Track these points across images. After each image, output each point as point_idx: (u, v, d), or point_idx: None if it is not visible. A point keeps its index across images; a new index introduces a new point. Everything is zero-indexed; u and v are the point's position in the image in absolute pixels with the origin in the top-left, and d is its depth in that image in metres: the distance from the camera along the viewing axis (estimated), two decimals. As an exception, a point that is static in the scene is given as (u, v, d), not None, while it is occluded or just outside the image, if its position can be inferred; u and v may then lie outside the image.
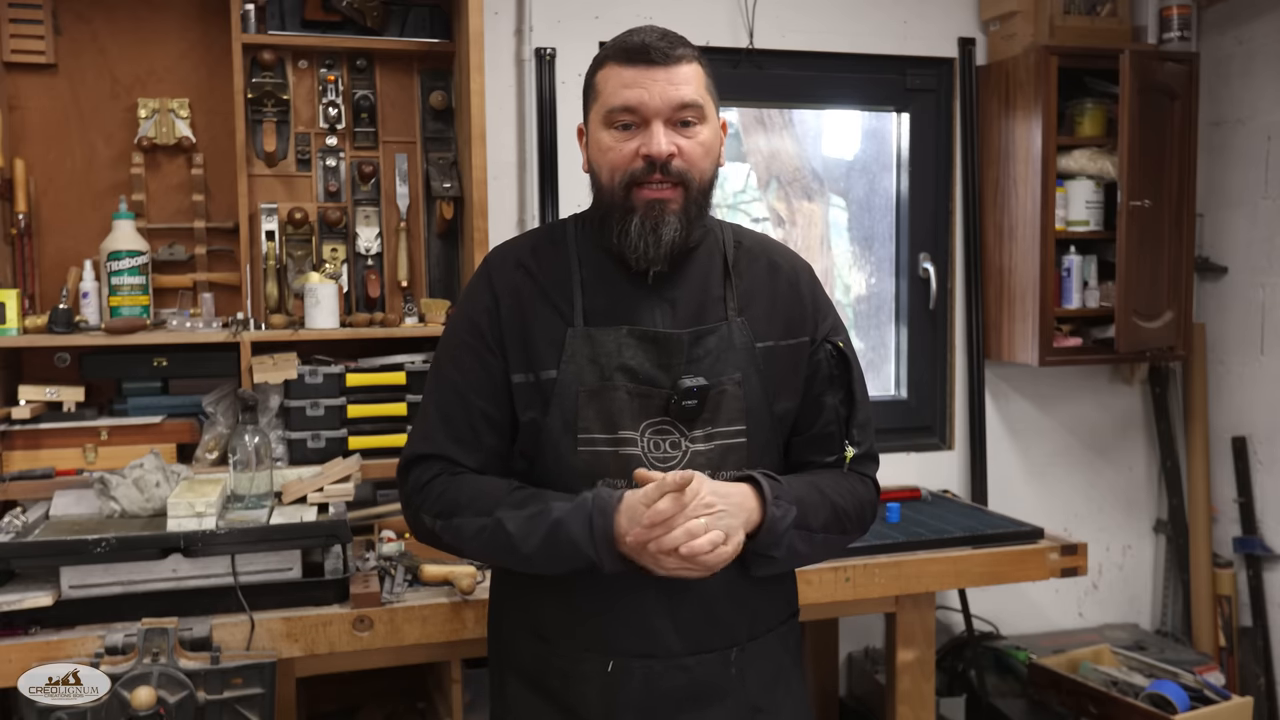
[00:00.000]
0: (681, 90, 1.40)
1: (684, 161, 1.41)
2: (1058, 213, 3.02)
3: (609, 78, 1.43)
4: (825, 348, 1.54)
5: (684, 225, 1.42)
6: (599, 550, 1.36)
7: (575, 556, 1.37)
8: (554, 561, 1.39)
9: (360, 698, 2.66)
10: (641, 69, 1.40)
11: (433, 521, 1.47)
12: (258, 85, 2.55)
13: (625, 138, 1.41)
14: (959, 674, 3.09)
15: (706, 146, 1.44)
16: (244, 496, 2.11)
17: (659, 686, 1.45)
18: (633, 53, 1.41)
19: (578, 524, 1.37)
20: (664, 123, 1.40)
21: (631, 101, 1.39)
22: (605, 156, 1.43)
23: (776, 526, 1.39)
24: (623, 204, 1.42)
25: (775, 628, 1.56)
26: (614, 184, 1.42)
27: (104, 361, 2.38)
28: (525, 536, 1.39)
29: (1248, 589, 3.25)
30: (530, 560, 1.40)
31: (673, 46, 1.41)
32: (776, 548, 1.42)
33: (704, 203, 1.46)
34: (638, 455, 1.42)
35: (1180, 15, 3.06)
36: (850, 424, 1.54)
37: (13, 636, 1.87)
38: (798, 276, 1.57)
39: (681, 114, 1.41)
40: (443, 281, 2.71)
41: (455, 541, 1.46)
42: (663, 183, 1.40)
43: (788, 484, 1.44)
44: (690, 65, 1.42)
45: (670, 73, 1.40)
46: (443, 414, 1.49)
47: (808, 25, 3.04)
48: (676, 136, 1.41)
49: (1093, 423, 3.39)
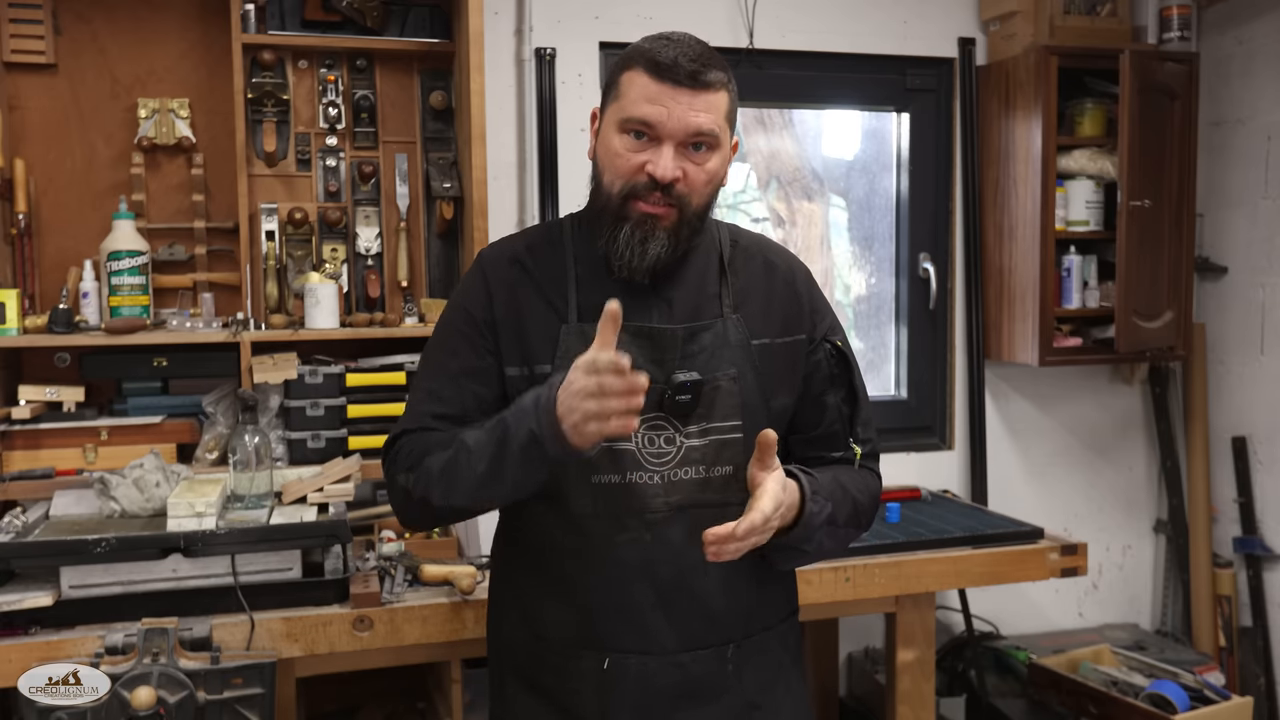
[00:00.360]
0: (701, 119, 1.37)
1: (686, 187, 1.40)
2: (1058, 213, 3.02)
3: (633, 83, 1.39)
4: (825, 347, 1.54)
5: (672, 244, 1.41)
6: (540, 421, 1.30)
7: (521, 439, 1.31)
8: (503, 459, 1.34)
9: (360, 698, 2.66)
10: (667, 87, 1.37)
11: (405, 478, 1.44)
12: (258, 85, 2.55)
13: (635, 148, 1.39)
14: (959, 674, 3.09)
15: (711, 174, 1.42)
16: (244, 496, 2.10)
17: (654, 684, 1.45)
18: (663, 69, 1.37)
19: (525, 401, 1.34)
20: (676, 145, 1.38)
21: (650, 118, 1.37)
22: (612, 160, 1.42)
23: (812, 521, 1.41)
24: (617, 211, 1.41)
25: (774, 625, 1.56)
26: (613, 190, 1.41)
27: (104, 361, 2.38)
28: (481, 446, 1.36)
29: (1248, 589, 3.25)
30: (487, 469, 1.35)
31: (704, 70, 1.38)
32: (809, 542, 1.43)
33: (697, 225, 1.45)
34: (632, 451, 1.42)
35: (1180, 15, 3.06)
36: (854, 422, 1.55)
37: (13, 636, 1.87)
38: (794, 275, 1.57)
39: (695, 139, 1.39)
40: (443, 281, 2.70)
41: (425, 488, 1.41)
42: (660, 202, 1.40)
43: (819, 477, 1.45)
44: (717, 94, 1.39)
45: (695, 98, 1.37)
46: (433, 394, 1.48)
47: (808, 25, 3.04)
48: (685, 161, 1.39)
49: (1093, 423, 3.39)
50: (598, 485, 1.43)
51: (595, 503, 1.43)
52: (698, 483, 1.44)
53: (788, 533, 1.40)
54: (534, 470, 1.35)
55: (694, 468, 1.44)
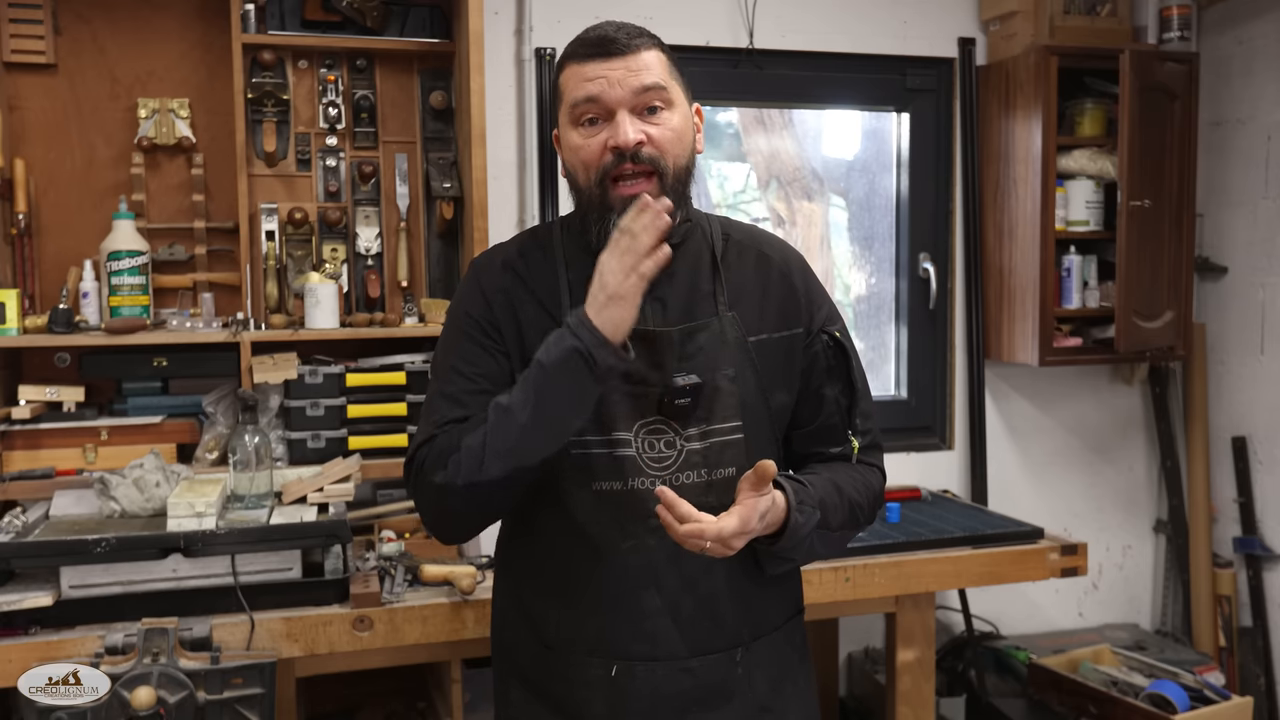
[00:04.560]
0: (642, 76, 1.38)
1: (654, 148, 1.38)
2: (1058, 213, 3.02)
3: (570, 76, 1.41)
4: (821, 339, 1.52)
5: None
6: (578, 334, 1.28)
7: (559, 361, 1.29)
8: (545, 396, 1.30)
9: (360, 698, 2.66)
10: (600, 61, 1.38)
11: (442, 475, 1.35)
12: (258, 85, 2.55)
13: (592, 133, 1.39)
14: (959, 674, 3.09)
15: (677, 132, 1.41)
16: (244, 496, 2.11)
17: (663, 690, 1.44)
18: (590, 45, 1.40)
19: (551, 339, 1.32)
20: (630, 111, 1.38)
21: (593, 92, 1.38)
22: (577, 156, 1.41)
23: (798, 532, 1.38)
24: (600, 202, 1.39)
25: (781, 625, 1.55)
26: (590, 182, 1.40)
27: (104, 361, 2.39)
28: (517, 400, 1.32)
29: (1248, 589, 3.25)
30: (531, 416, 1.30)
31: (630, 36, 1.40)
32: (796, 551, 1.41)
33: (681, 190, 1.42)
34: (632, 456, 1.41)
35: (1180, 15, 3.06)
36: (852, 414, 1.52)
37: (13, 636, 1.87)
38: (789, 267, 1.54)
39: (646, 99, 1.38)
40: (443, 281, 2.70)
41: (470, 469, 1.33)
42: (636, 175, 1.38)
43: (810, 485, 1.42)
44: (650, 52, 1.40)
45: (629, 60, 1.38)
46: (450, 398, 1.43)
47: (808, 25, 3.04)
48: (644, 125, 1.38)
49: (1093, 423, 3.39)
50: (599, 493, 1.42)
51: (597, 511, 1.42)
52: (700, 486, 1.42)
53: (774, 542, 1.38)
54: (582, 394, 1.30)
55: (695, 471, 1.42)
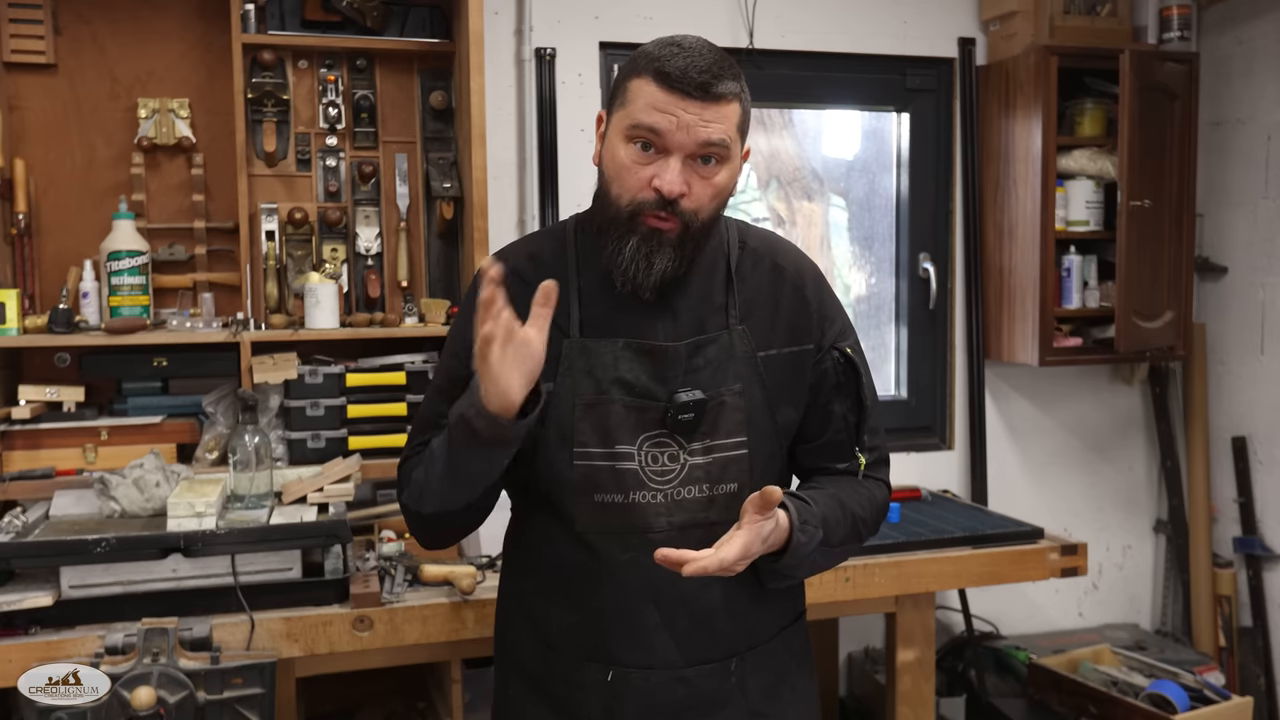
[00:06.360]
0: (711, 130, 1.32)
1: (691, 203, 1.35)
2: (1058, 213, 3.02)
3: (642, 90, 1.34)
4: (832, 355, 1.50)
5: (677, 257, 1.37)
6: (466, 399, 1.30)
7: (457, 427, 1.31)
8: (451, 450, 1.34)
9: (360, 698, 2.66)
10: (676, 97, 1.31)
11: (407, 497, 1.46)
12: (258, 85, 2.55)
13: (643, 160, 1.34)
14: (959, 674, 3.09)
15: (718, 189, 1.38)
16: (244, 496, 2.11)
17: (658, 697, 1.45)
18: (672, 79, 1.31)
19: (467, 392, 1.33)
20: (684, 157, 1.33)
21: (660, 127, 1.32)
22: (619, 172, 1.37)
23: (800, 551, 1.37)
24: (625, 225, 1.37)
25: (778, 633, 1.55)
26: (620, 203, 1.37)
27: (104, 361, 2.39)
28: (440, 446, 1.38)
29: (1248, 589, 3.25)
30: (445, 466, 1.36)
31: (715, 81, 1.32)
32: (798, 569, 1.41)
33: (701, 239, 1.40)
34: (635, 469, 1.40)
35: (1180, 15, 3.06)
36: (860, 431, 1.51)
37: (13, 636, 1.87)
38: (803, 280, 1.53)
39: (705, 151, 1.34)
40: (443, 281, 2.70)
41: (417, 500, 1.43)
42: (665, 216, 1.35)
43: (814, 502, 1.41)
44: (729, 105, 1.34)
45: (704, 110, 1.31)
46: (436, 416, 1.45)
47: (808, 25, 3.04)
48: (692, 175, 1.34)
49: (1093, 423, 3.39)
50: (600, 504, 1.41)
51: (598, 522, 1.42)
52: (702, 501, 1.42)
53: (776, 560, 1.38)
54: (482, 456, 1.32)
55: (697, 486, 1.42)
